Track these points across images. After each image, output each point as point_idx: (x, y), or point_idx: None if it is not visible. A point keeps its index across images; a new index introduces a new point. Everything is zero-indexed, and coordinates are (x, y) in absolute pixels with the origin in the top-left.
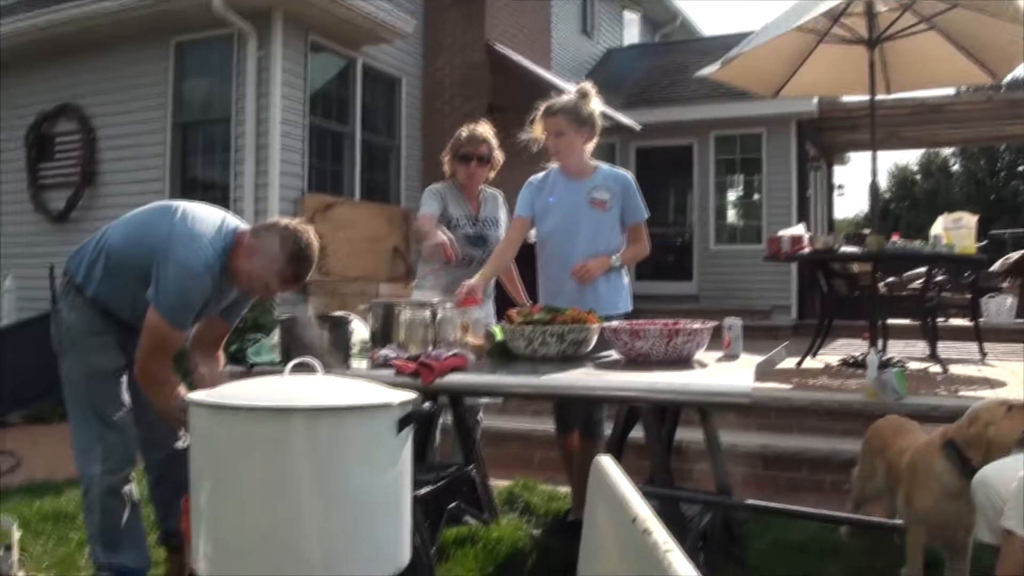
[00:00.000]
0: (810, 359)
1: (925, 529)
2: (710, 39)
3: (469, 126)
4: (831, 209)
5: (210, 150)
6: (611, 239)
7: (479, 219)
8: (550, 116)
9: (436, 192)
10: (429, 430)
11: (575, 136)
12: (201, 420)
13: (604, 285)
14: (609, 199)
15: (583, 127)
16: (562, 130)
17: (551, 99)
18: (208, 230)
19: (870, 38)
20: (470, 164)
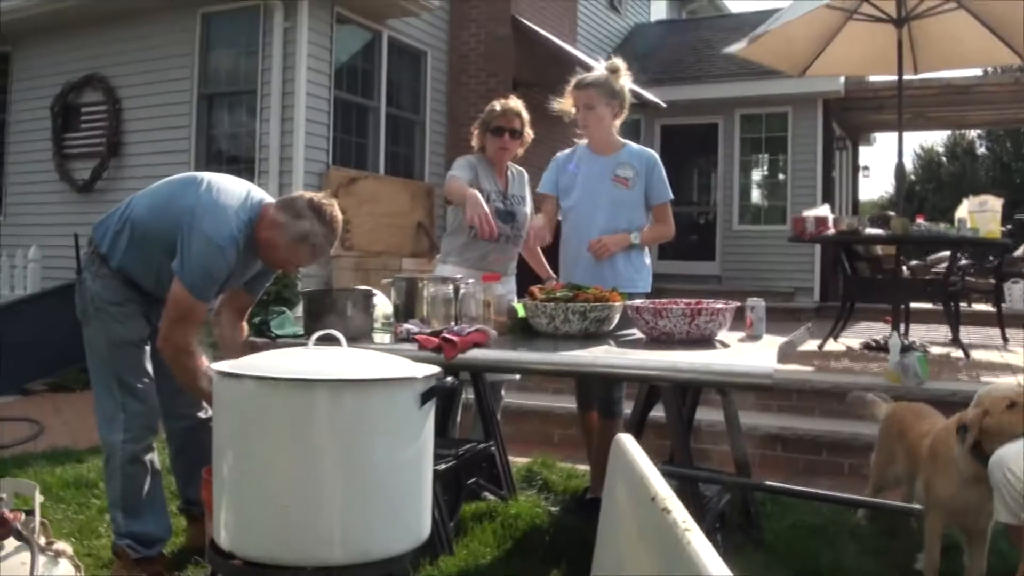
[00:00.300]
0: (832, 342)
1: (944, 515)
2: (737, 16)
3: (501, 100)
4: (856, 190)
5: (235, 122)
6: (632, 217)
7: (508, 195)
8: (581, 89)
9: (469, 162)
10: (450, 406)
11: (605, 110)
12: (225, 390)
13: (624, 262)
14: (632, 176)
15: (613, 101)
16: (592, 103)
17: (579, 74)
18: (233, 202)
19: (899, 16)
20: (503, 137)
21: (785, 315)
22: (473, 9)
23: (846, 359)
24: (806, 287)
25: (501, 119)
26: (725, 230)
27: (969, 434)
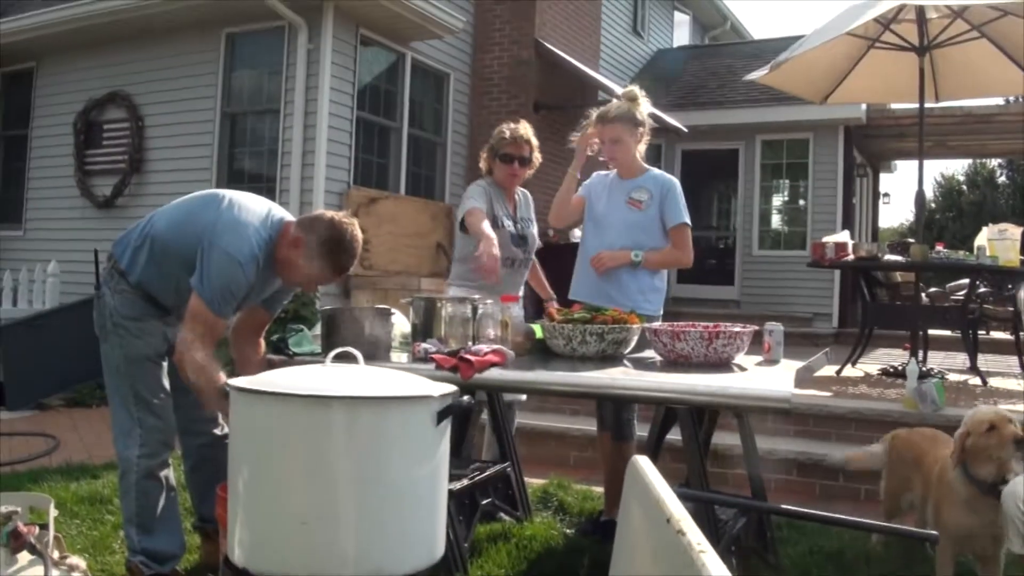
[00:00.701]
0: (850, 367)
1: (952, 540)
2: (759, 42)
3: (510, 125)
4: (876, 217)
5: (258, 141)
6: (642, 239)
7: (518, 218)
8: (607, 123)
9: (483, 189)
10: (466, 425)
11: (630, 140)
12: (242, 406)
13: (630, 281)
14: (646, 200)
15: (637, 130)
16: (619, 137)
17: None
18: (254, 219)
19: (921, 45)
20: (512, 165)
21: (803, 340)
22: (496, 32)
23: (864, 385)
24: (825, 313)
25: (511, 146)
26: (744, 255)
27: (952, 456)
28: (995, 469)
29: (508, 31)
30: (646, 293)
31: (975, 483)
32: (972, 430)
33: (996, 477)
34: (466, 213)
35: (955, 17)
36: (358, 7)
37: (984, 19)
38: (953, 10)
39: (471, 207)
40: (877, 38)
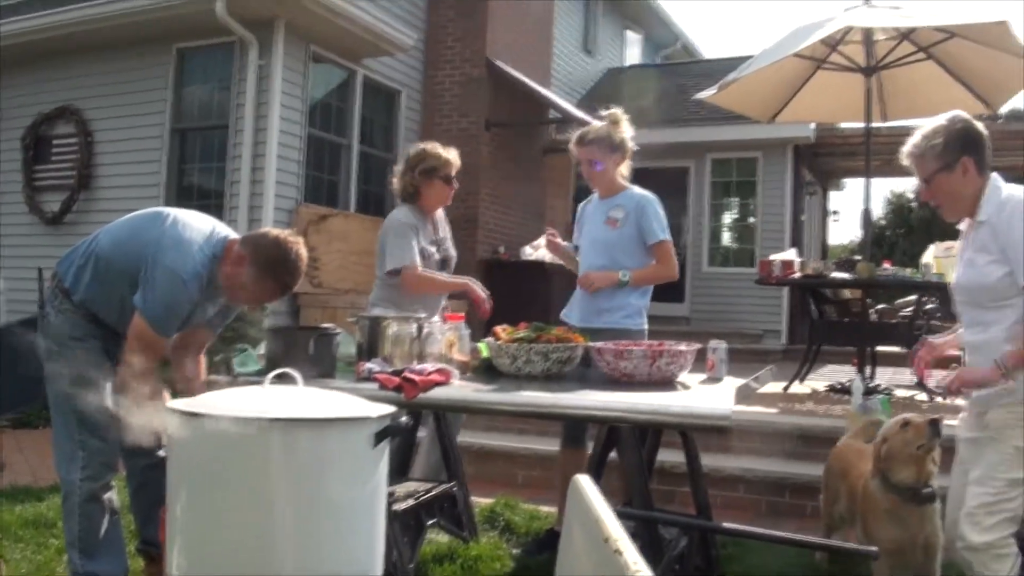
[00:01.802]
0: (797, 384)
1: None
2: (710, 62)
3: (438, 145)
4: (825, 234)
5: (207, 157)
6: (619, 257)
7: (439, 240)
8: (584, 145)
9: (410, 227)
10: (410, 445)
11: (608, 162)
12: (179, 428)
13: (607, 300)
14: (622, 218)
15: (615, 153)
16: (596, 158)
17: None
18: (198, 237)
19: (867, 66)
20: (451, 185)
21: (753, 357)
22: (448, 50)
23: (811, 401)
24: (774, 329)
25: (448, 167)
26: (695, 272)
27: (872, 465)
28: (914, 471)
29: (460, 49)
30: (624, 309)
31: (896, 491)
32: (887, 435)
33: (916, 482)
34: (407, 271)
35: (902, 39)
36: (309, 24)
37: (931, 41)
38: (900, 32)
39: (411, 264)
40: (825, 59)
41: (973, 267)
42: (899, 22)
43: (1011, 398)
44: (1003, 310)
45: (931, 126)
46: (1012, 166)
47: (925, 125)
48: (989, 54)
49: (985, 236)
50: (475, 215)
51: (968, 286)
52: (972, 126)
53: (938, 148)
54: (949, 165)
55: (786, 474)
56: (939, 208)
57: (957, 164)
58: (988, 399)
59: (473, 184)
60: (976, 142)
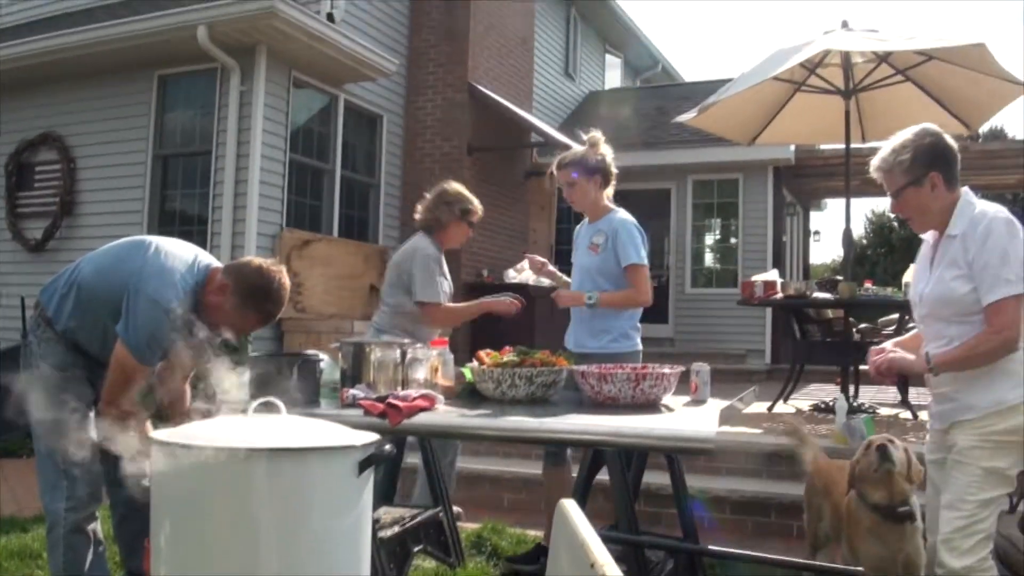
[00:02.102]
0: (782, 403)
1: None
2: (690, 84)
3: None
4: (807, 254)
5: (190, 183)
6: (602, 282)
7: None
8: (561, 168)
9: (436, 262)
10: (396, 472)
11: (587, 185)
12: (163, 459)
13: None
14: (602, 243)
15: (594, 175)
16: (573, 181)
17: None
18: (180, 265)
19: (846, 88)
20: (471, 229)
21: (737, 377)
22: (430, 76)
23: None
24: (758, 349)
25: (478, 214)
26: (678, 293)
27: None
28: (885, 492)
29: (441, 74)
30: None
31: (875, 510)
32: (859, 456)
33: (889, 501)
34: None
35: (880, 62)
36: (291, 50)
37: (908, 64)
38: (878, 55)
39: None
40: (803, 82)
41: (941, 282)
42: (877, 46)
43: (971, 414)
44: (964, 325)
45: (899, 140)
46: (991, 184)
47: (893, 138)
48: (967, 75)
49: (956, 251)
50: None
51: (934, 300)
52: (941, 140)
53: (906, 163)
54: (918, 180)
55: (772, 494)
56: (908, 221)
57: (926, 179)
58: (949, 414)
59: None
60: (945, 156)
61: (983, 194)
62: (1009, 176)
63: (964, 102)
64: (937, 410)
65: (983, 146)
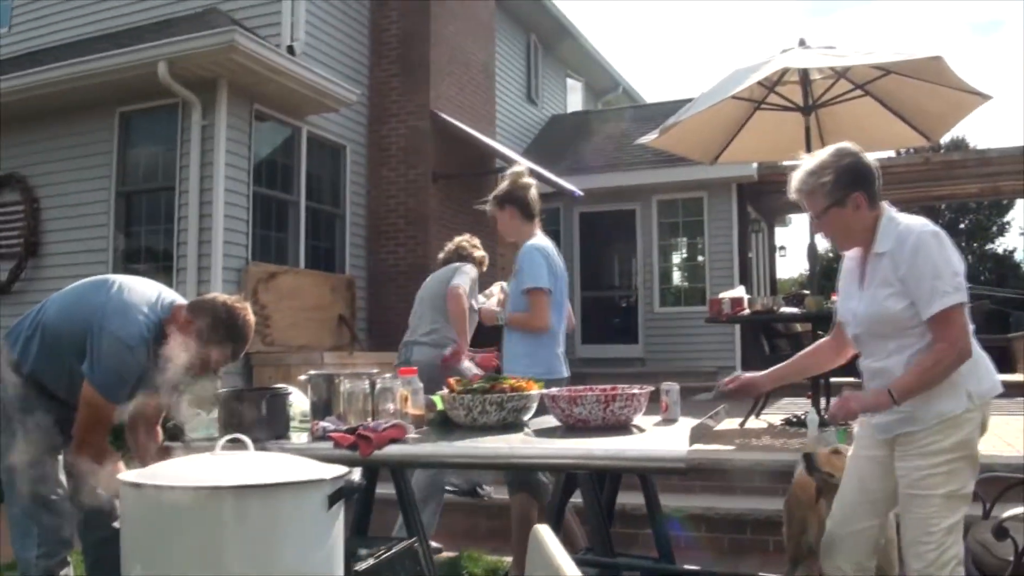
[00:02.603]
0: (754, 419)
1: None
2: (651, 106)
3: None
4: (773, 270)
5: (154, 219)
6: (518, 304)
7: None
8: (487, 205)
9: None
10: (369, 504)
11: (503, 216)
12: (132, 500)
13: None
14: (516, 269)
15: (506, 207)
16: (494, 215)
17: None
18: (143, 303)
19: (805, 105)
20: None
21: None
22: (393, 104)
23: (767, 436)
24: (728, 365)
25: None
26: (647, 313)
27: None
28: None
29: (404, 102)
30: (513, 357)
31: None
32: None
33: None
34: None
35: (838, 78)
36: (252, 83)
37: (867, 78)
38: (836, 71)
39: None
40: (763, 100)
41: (875, 301)
42: (834, 62)
43: (915, 426)
44: (904, 338)
45: (817, 161)
46: (953, 194)
47: (809, 159)
48: (926, 88)
49: (886, 269)
50: (425, 265)
51: (871, 319)
52: (860, 160)
53: (828, 185)
54: (840, 201)
55: (746, 510)
56: (831, 241)
57: (848, 200)
58: (892, 426)
59: (423, 235)
60: (865, 176)
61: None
62: (970, 185)
63: (924, 114)
64: (879, 422)
65: (944, 157)
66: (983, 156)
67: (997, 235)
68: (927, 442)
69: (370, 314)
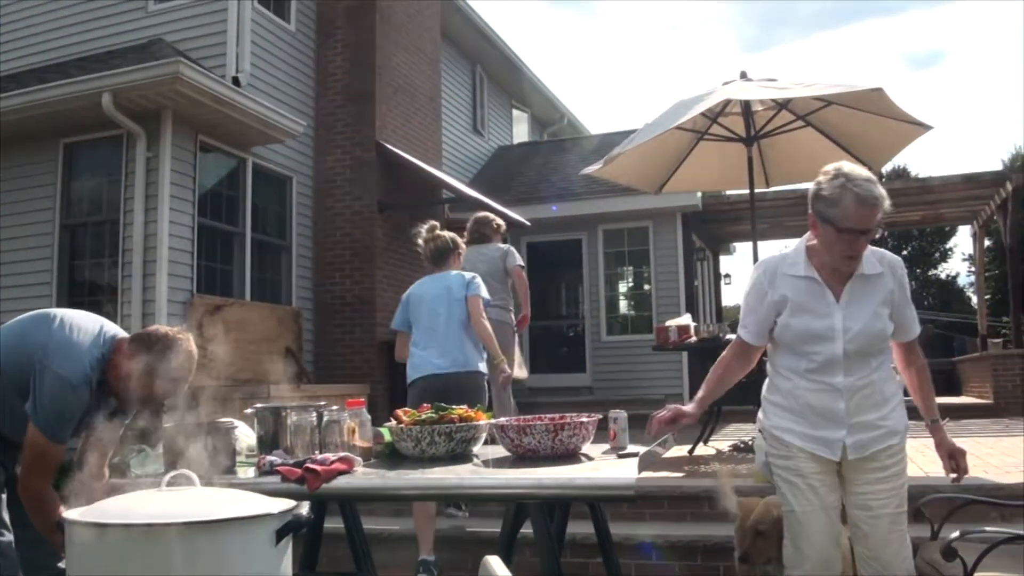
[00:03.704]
0: (702, 445)
1: None
2: (596, 136)
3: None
4: (719, 297)
5: (98, 252)
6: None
7: None
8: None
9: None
10: (318, 538)
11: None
12: (76, 538)
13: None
14: None
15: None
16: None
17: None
18: (86, 339)
19: (747, 136)
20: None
21: None
22: (338, 135)
23: (716, 462)
24: (676, 393)
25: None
26: (594, 341)
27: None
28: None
29: (350, 133)
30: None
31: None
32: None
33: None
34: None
35: (779, 109)
36: (196, 114)
37: (808, 109)
38: (778, 103)
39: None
40: (706, 130)
41: (878, 318)
42: (775, 94)
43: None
44: (883, 355)
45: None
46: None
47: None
48: (867, 118)
49: (882, 289)
50: (372, 296)
51: (871, 336)
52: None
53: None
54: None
55: (697, 536)
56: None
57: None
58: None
59: (368, 266)
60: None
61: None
62: (913, 213)
63: (865, 144)
64: (859, 440)
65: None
66: (925, 184)
67: (940, 261)
68: (901, 456)
69: (317, 346)
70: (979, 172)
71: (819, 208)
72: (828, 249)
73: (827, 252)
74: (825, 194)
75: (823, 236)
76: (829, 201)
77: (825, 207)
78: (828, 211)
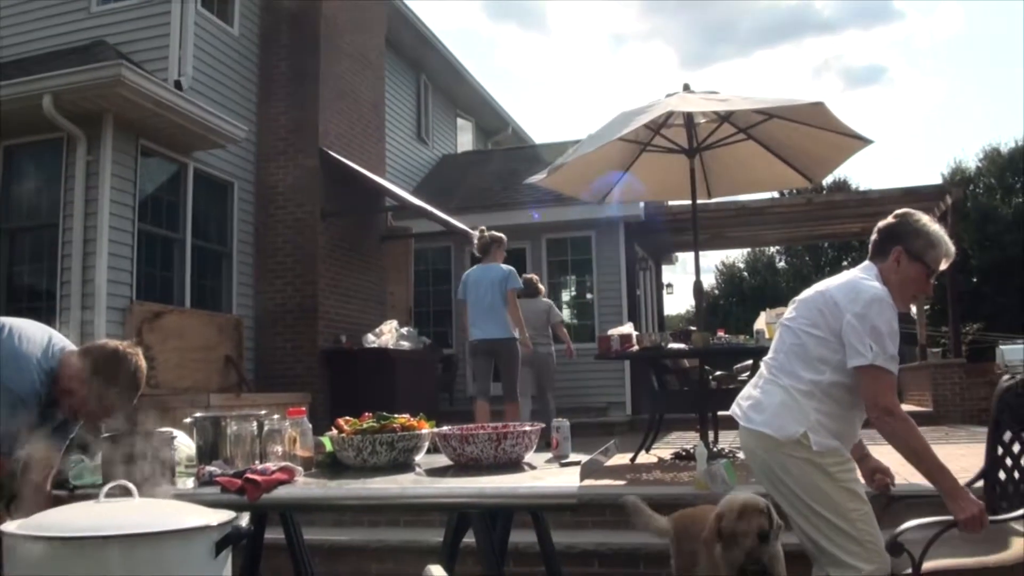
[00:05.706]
0: (644, 454)
1: None
2: (540, 146)
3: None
4: (661, 307)
5: (37, 257)
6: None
7: None
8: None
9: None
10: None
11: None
12: (16, 551)
13: None
14: None
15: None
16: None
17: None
18: (36, 351)
19: (690, 147)
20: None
21: (599, 430)
22: (281, 142)
23: (658, 470)
24: (618, 401)
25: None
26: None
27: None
28: (743, 556)
29: (293, 140)
30: None
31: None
32: (726, 514)
33: (745, 563)
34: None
35: (721, 121)
36: (138, 118)
37: (750, 123)
38: (719, 115)
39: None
40: (649, 142)
41: None
42: (717, 107)
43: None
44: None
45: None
46: (835, 233)
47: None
48: (807, 132)
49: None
50: (314, 305)
51: None
52: None
53: None
54: None
55: (639, 544)
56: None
57: None
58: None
59: (311, 274)
60: None
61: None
62: (853, 225)
63: (806, 157)
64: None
65: (827, 197)
66: (865, 197)
67: None
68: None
69: (258, 354)
70: (919, 186)
71: (917, 246)
72: (905, 285)
73: (901, 287)
74: (928, 234)
75: (905, 271)
76: (931, 242)
77: (925, 247)
78: (928, 251)
